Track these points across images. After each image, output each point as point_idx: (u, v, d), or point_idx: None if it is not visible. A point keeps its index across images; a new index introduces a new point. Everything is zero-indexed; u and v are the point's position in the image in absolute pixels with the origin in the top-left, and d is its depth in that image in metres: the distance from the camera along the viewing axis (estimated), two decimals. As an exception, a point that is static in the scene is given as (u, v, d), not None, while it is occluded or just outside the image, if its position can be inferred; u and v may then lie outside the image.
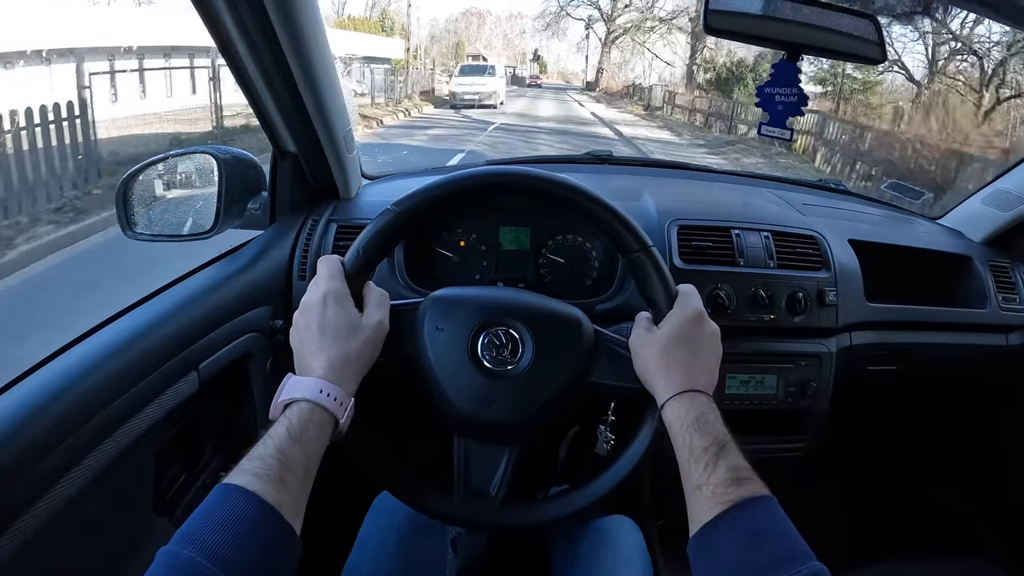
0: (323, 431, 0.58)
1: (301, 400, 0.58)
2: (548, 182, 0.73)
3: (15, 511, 0.57)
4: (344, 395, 0.61)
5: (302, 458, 0.55)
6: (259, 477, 0.51)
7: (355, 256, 0.69)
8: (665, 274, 0.70)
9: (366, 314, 0.66)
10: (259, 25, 0.79)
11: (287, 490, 0.52)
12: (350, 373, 0.63)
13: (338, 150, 0.98)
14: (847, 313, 1.05)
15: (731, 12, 0.97)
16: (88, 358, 0.70)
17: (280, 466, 0.53)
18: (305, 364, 0.62)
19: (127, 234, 0.98)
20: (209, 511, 0.50)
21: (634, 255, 0.71)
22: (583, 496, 0.72)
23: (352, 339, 0.64)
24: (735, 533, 0.53)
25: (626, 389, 0.72)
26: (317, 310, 0.64)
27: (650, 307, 0.73)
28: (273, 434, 0.55)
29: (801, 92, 1.02)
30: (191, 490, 0.91)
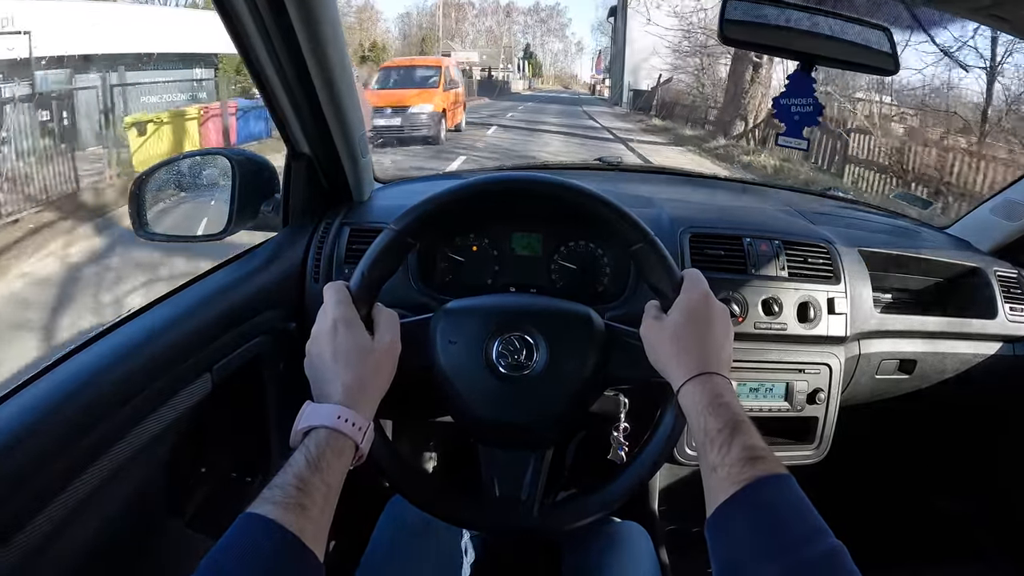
0: (342, 457, 0.59)
1: (319, 427, 0.59)
2: (545, 184, 0.74)
3: (31, 511, 0.57)
4: (362, 419, 0.61)
5: (321, 485, 0.55)
6: (278, 505, 0.52)
7: (360, 279, 0.69)
8: (669, 262, 0.71)
9: (377, 336, 0.67)
10: (279, 26, 0.79)
11: (307, 517, 0.52)
12: (367, 397, 0.63)
13: (353, 153, 0.98)
14: (856, 322, 1.06)
15: (747, 22, 0.98)
16: (103, 358, 0.70)
17: (300, 493, 0.53)
18: (322, 392, 0.63)
19: (139, 234, 0.99)
20: (231, 542, 0.50)
21: (637, 247, 0.72)
22: (609, 495, 0.72)
23: (366, 362, 0.64)
24: (751, 511, 0.53)
25: (644, 380, 0.72)
26: (328, 338, 0.64)
27: (657, 296, 0.73)
28: (292, 462, 0.56)
29: (816, 102, 1.03)
30: (202, 490, 0.91)
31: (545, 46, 47.91)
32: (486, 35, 39.05)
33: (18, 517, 0.55)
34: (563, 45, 49.62)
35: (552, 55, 49.67)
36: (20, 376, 0.66)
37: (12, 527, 0.55)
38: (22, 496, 0.56)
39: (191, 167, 1.03)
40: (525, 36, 44.23)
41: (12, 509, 0.55)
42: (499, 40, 42.57)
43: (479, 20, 41.62)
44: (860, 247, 1.11)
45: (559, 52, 49.99)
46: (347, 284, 0.69)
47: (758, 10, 0.99)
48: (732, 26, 0.97)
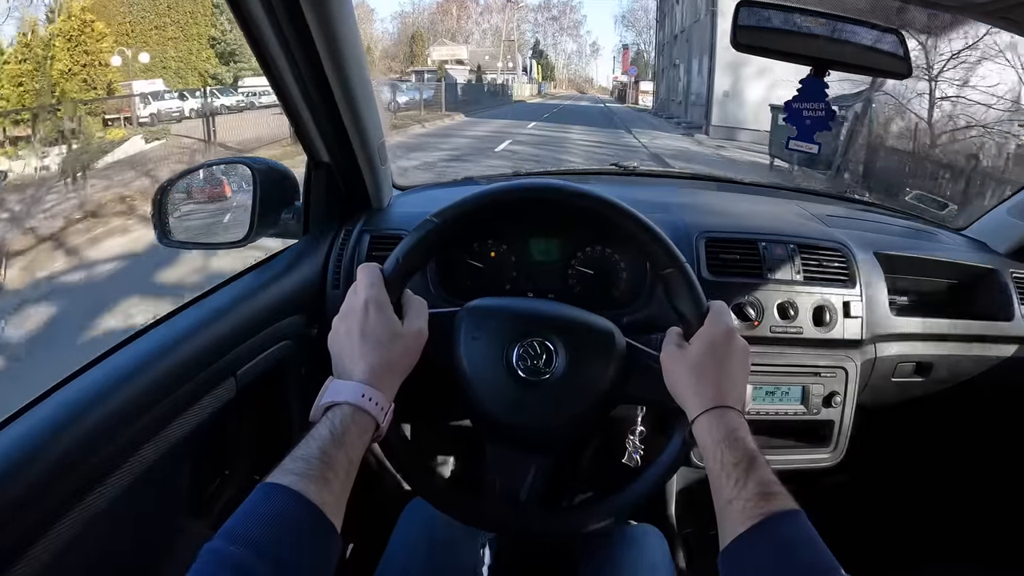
0: (364, 434, 0.60)
1: (343, 403, 0.60)
2: (587, 197, 0.75)
3: (59, 511, 0.58)
4: (385, 399, 0.62)
5: (344, 460, 0.56)
6: (303, 476, 0.52)
7: (395, 264, 0.70)
8: (697, 290, 0.71)
9: (406, 322, 0.68)
10: (298, 38, 0.81)
11: (329, 489, 0.53)
12: (390, 379, 0.64)
13: (372, 161, 1.00)
14: (872, 325, 1.06)
15: (760, 28, 0.99)
16: (129, 364, 0.71)
17: (323, 466, 0.54)
18: (346, 369, 0.64)
19: (162, 242, 1.01)
20: (253, 509, 0.51)
21: (667, 271, 0.72)
22: (613, 505, 0.73)
23: (393, 346, 0.65)
24: (765, 546, 0.54)
25: (658, 402, 0.72)
26: (359, 316, 0.65)
27: (681, 322, 0.74)
28: (316, 435, 0.57)
29: (829, 107, 1.03)
30: (226, 493, 0.93)
31: (558, 46, 41.86)
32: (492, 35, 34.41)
33: (45, 519, 0.57)
34: (577, 46, 43.59)
35: (565, 56, 43.31)
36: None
37: (40, 529, 0.56)
38: (49, 499, 0.57)
39: (213, 175, 1.05)
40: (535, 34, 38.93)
41: (40, 511, 0.56)
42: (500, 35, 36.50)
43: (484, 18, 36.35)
44: (876, 250, 1.11)
45: (573, 54, 43.76)
46: (381, 267, 0.70)
47: (770, 16, 1.00)
48: (745, 32, 0.98)
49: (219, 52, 22.49)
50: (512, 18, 37.53)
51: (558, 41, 41.65)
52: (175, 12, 21.96)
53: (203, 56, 22.38)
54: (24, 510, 0.55)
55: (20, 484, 0.55)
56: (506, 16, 36.56)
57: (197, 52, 22.36)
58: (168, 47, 21.74)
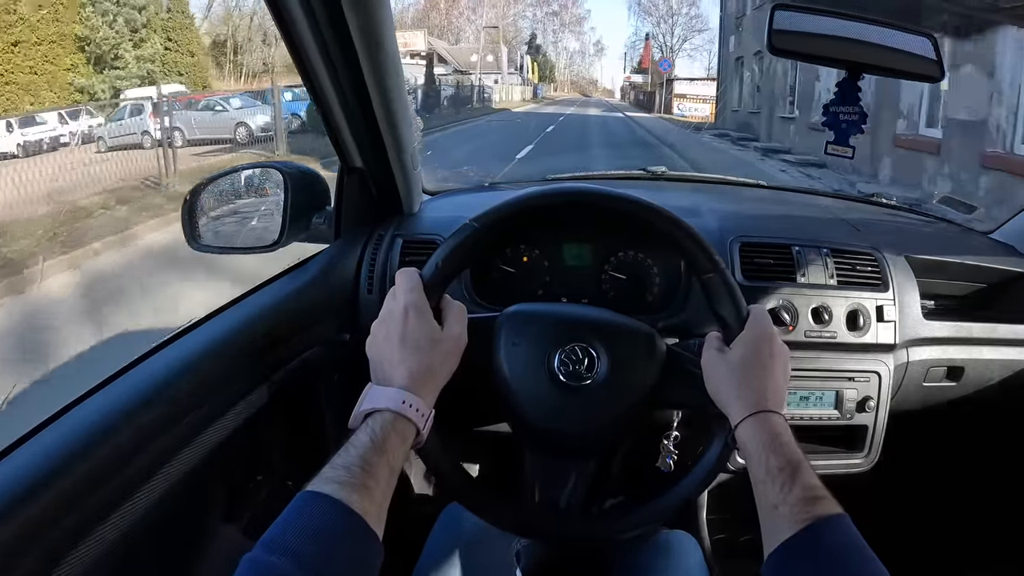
0: (405, 441, 0.59)
1: (384, 410, 0.59)
2: (627, 201, 0.75)
3: (94, 519, 0.58)
4: (425, 405, 0.61)
5: (385, 467, 0.55)
6: (344, 485, 0.52)
7: (434, 269, 0.69)
8: (737, 295, 0.71)
9: (446, 327, 0.67)
10: (338, 43, 0.80)
11: (371, 498, 0.52)
12: (431, 385, 0.64)
13: (405, 166, 0.99)
14: (905, 329, 1.05)
15: (795, 32, 0.98)
16: (166, 369, 0.71)
17: (364, 474, 0.53)
18: (385, 374, 0.63)
19: (192, 246, 1.00)
20: (294, 518, 0.50)
21: (708, 276, 0.72)
22: (655, 510, 0.73)
23: (433, 351, 0.64)
24: (813, 551, 0.53)
25: (698, 407, 0.72)
26: (398, 321, 0.64)
27: (720, 326, 0.74)
28: (356, 443, 0.56)
29: (863, 110, 1.03)
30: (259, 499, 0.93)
31: (559, 44, 36.49)
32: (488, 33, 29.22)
33: (80, 527, 0.57)
34: (580, 44, 38.78)
35: (567, 56, 37.89)
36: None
37: (75, 537, 0.56)
38: (84, 507, 0.57)
39: (245, 180, 1.05)
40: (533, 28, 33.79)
41: (75, 519, 0.56)
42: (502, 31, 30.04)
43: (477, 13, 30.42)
44: (907, 253, 1.10)
45: (575, 53, 38.31)
46: (419, 272, 0.69)
47: (806, 20, 0.99)
48: (780, 36, 0.97)
49: (91, 57, 16.39)
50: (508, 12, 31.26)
51: (559, 38, 36.45)
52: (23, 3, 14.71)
53: (66, 63, 15.95)
54: (59, 518, 0.55)
55: (54, 492, 0.55)
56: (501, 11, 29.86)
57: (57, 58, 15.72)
58: (13, 55, 14.59)
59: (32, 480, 0.54)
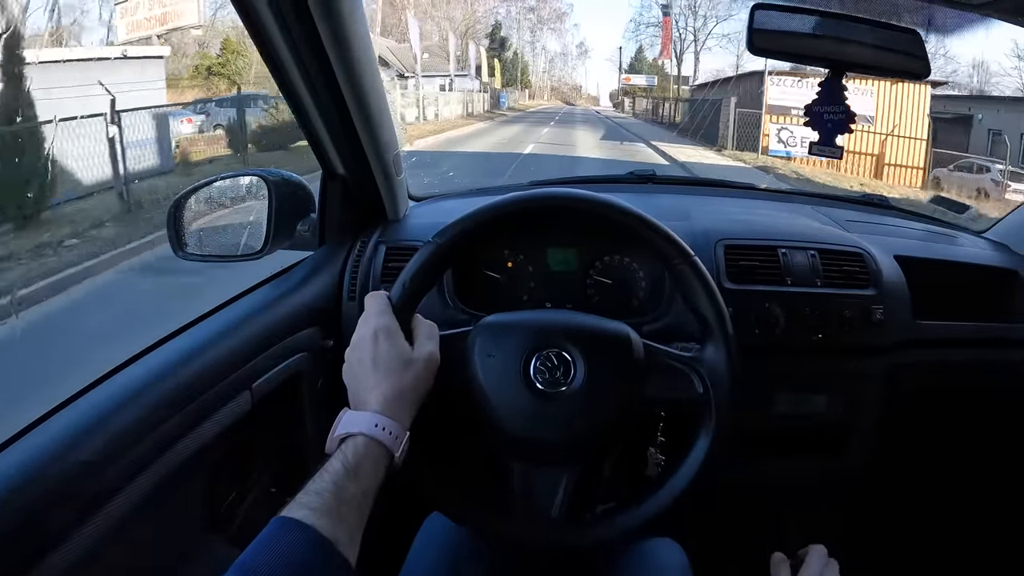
0: (378, 465, 0.60)
1: (357, 435, 0.60)
2: (587, 202, 0.75)
3: (75, 524, 0.58)
4: (399, 429, 0.62)
5: (358, 492, 0.56)
6: (315, 511, 0.52)
7: (401, 290, 0.71)
8: (710, 285, 0.72)
9: (417, 346, 0.68)
10: (312, 53, 0.81)
11: (343, 524, 0.53)
12: (405, 406, 0.64)
13: (387, 173, 1.00)
14: (895, 331, 1.04)
15: (775, 31, 0.98)
16: (147, 375, 0.71)
17: (336, 500, 0.54)
18: (360, 399, 0.64)
19: (178, 254, 1.01)
20: (266, 544, 0.51)
21: (677, 267, 0.73)
22: (641, 515, 0.73)
23: (405, 372, 0.65)
24: None
25: (681, 401, 0.74)
26: (369, 346, 0.65)
27: (697, 320, 0.74)
28: (329, 468, 0.57)
29: (848, 109, 1.02)
30: (243, 506, 0.93)
31: (537, 43, 29.98)
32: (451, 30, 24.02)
33: (62, 531, 0.57)
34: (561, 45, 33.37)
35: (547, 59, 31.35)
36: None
37: (57, 540, 0.56)
38: (66, 510, 0.57)
39: (229, 188, 1.05)
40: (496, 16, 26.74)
41: (57, 522, 0.56)
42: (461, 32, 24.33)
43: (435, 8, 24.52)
44: (896, 254, 1.09)
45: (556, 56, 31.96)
46: (388, 294, 0.70)
47: (787, 19, 0.99)
48: (761, 35, 0.97)
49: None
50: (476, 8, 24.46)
51: (538, 37, 29.97)
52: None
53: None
54: (37, 522, 0.55)
55: (34, 496, 0.55)
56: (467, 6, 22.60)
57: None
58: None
59: (7, 487, 0.54)
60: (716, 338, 0.74)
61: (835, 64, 1.01)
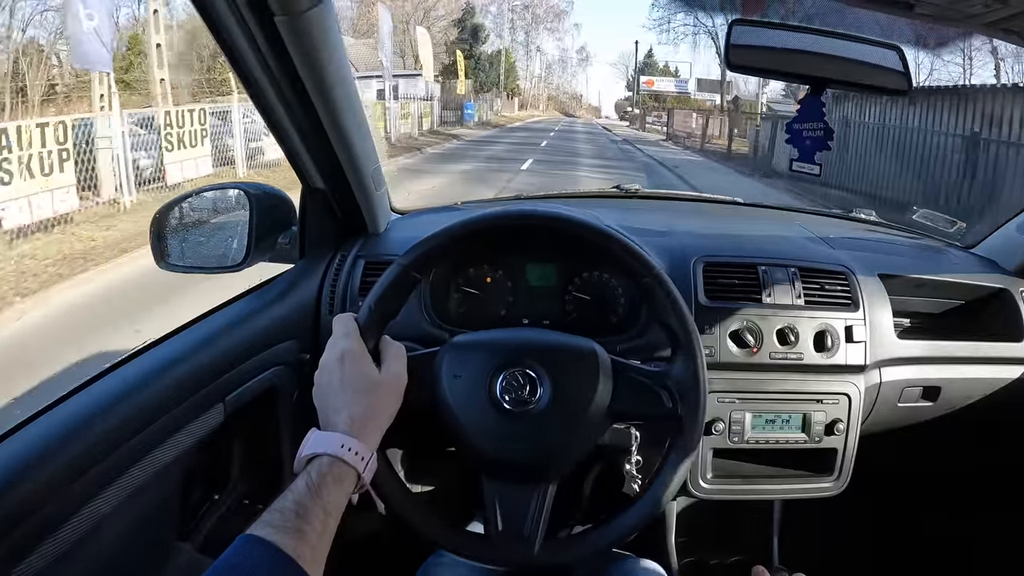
0: (342, 484, 0.60)
1: (323, 455, 0.61)
2: (552, 219, 0.76)
3: (44, 531, 0.59)
4: (365, 449, 0.63)
5: (320, 511, 0.57)
6: (278, 529, 0.53)
7: (368, 313, 0.71)
8: (677, 300, 0.73)
9: (384, 368, 0.69)
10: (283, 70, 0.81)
11: (305, 541, 0.54)
12: (372, 427, 0.65)
13: (365, 187, 1.00)
14: (876, 350, 1.03)
15: (753, 47, 0.97)
16: (121, 385, 0.72)
17: (298, 519, 0.55)
18: (328, 420, 0.65)
19: (160, 265, 1.02)
20: (229, 561, 0.52)
21: (643, 281, 0.74)
22: (620, 528, 0.73)
23: (372, 394, 0.66)
24: None
25: (651, 416, 0.74)
26: (336, 368, 0.67)
27: (667, 335, 0.75)
28: (294, 488, 0.58)
29: (827, 126, 1.02)
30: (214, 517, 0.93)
31: (531, 43, 25.90)
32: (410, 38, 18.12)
33: (30, 539, 0.57)
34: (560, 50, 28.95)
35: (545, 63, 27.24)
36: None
37: (25, 550, 0.57)
38: (36, 519, 0.58)
39: (211, 200, 1.06)
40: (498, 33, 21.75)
41: (25, 531, 0.57)
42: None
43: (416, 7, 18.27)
44: (880, 271, 1.08)
45: (555, 63, 28.38)
46: (355, 316, 0.71)
47: (765, 34, 0.98)
48: (738, 51, 0.96)
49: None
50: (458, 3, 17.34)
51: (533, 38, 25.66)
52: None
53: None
54: (9, 530, 0.55)
55: (6, 504, 0.56)
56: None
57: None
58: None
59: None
60: (684, 353, 0.74)
61: (814, 81, 1.01)
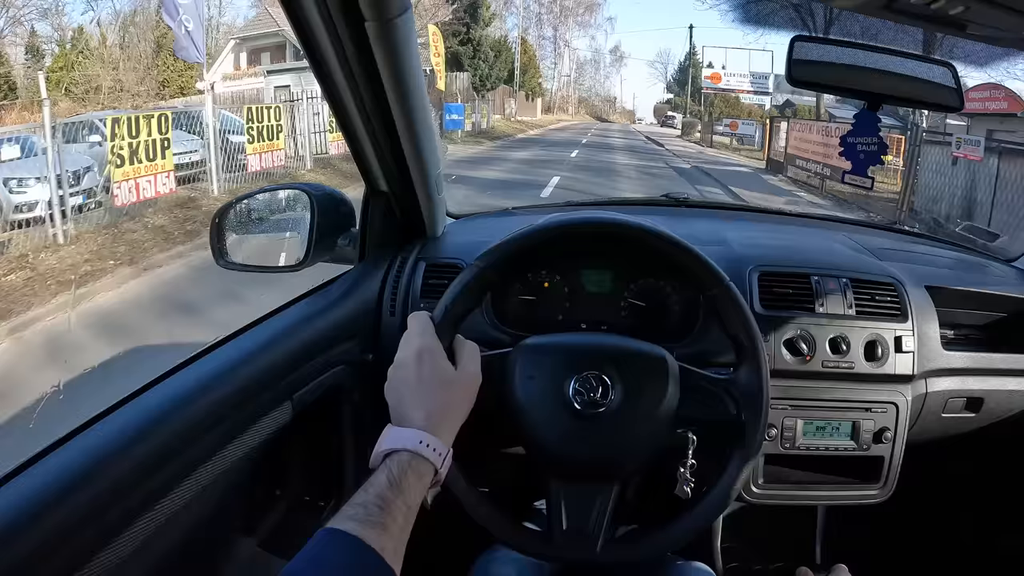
0: (421, 480, 0.61)
1: (401, 450, 0.61)
2: (626, 227, 0.78)
3: (114, 531, 0.60)
4: (443, 446, 0.64)
5: (402, 506, 0.58)
6: (361, 523, 0.54)
7: (443, 312, 0.73)
8: (745, 310, 0.75)
9: (460, 366, 0.70)
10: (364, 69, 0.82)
11: (388, 535, 0.55)
12: (448, 424, 0.66)
13: (430, 191, 1.01)
14: (924, 360, 1.05)
15: (815, 62, 0.99)
16: (192, 385, 0.73)
17: (382, 512, 0.56)
18: (403, 416, 0.65)
19: (219, 263, 1.03)
20: (313, 554, 0.52)
21: (712, 293, 0.77)
22: (682, 530, 0.75)
23: (448, 392, 0.67)
24: None
25: (716, 421, 0.76)
26: (412, 366, 0.67)
27: (733, 344, 0.77)
28: (374, 482, 0.58)
29: (882, 141, 1.04)
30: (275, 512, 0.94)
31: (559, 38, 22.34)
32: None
33: (105, 535, 0.58)
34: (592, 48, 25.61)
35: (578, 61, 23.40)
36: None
37: (94, 548, 0.57)
38: (105, 519, 0.58)
39: (272, 200, 1.07)
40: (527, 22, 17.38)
41: (95, 530, 0.58)
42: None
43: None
44: (927, 283, 1.10)
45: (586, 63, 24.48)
46: (431, 314, 0.72)
47: (826, 50, 1.00)
48: (800, 67, 0.98)
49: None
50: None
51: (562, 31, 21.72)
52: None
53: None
54: (80, 529, 0.56)
55: (78, 502, 0.56)
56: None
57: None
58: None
59: (56, 489, 0.56)
60: (749, 361, 0.77)
61: (871, 96, 1.02)
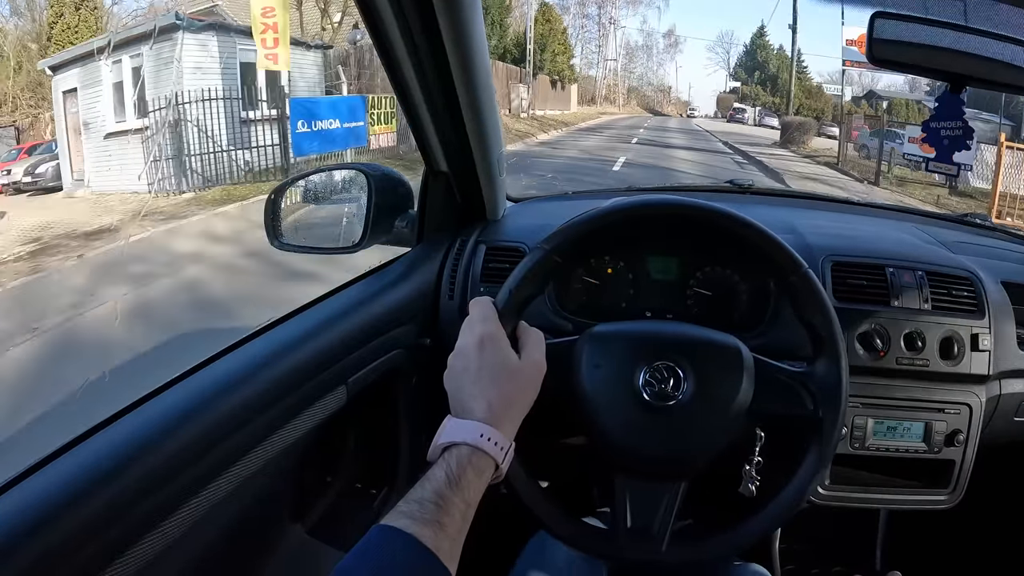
0: (482, 476, 0.58)
1: (461, 444, 0.58)
2: (701, 210, 0.74)
3: (165, 511, 0.59)
4: (504, 439, 0.60)
5: (460, 503, 0.54)
6: (417, 521, 0.51)
7: (507, 296, 0.69)
8: (824, 299, 0.71)
9: (524, 355, 0.65)
10: (429, 47, 0.80)
11: (444, 534, 0.52)
12: (511, 416, 0.62)
13: (491, 172, 0.98)
14: (1000, 360, 0.99)
15: (897, 42, 0.94)
16: (243, 367, 0.72)
17: (438, 510, 0.52)
18: (463, 407, 0.61)
19: (274, 244, 1.02)
20: (366, 551, 0.50)
21: (789, 279, 0.73)
22: (752, 531, 0.71)
23: (512, 381, 0.63)
24: None
25: (789, 416, 0.72)
26: (474, 353, 0.63)
27: (808, 332, 0.73)
28: (432, 477, 0.55)
29: (967, 125, 0.99)
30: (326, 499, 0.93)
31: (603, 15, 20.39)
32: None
33: (150, 518, 0.58)
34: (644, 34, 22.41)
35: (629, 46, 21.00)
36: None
37: (145, 527, 0.57)
38: (156, 499, 0.58)
39: (327, 181, 1.06)
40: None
41: (145, 510, 0.57)
42: None
43: None
44: (1003, 279, 1.05)
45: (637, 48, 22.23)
46: (493, 300, 0.69)
47: (906, 29, 0.95)
48: (881, 45, 0.94)
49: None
50: None
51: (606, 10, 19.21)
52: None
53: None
54: (130, 509, 0.56)
55: (125, 482, 0.56)
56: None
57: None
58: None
59: (105, 468, 0.55)
60: (829, 354, 0.72)
61: (954, 78, 0.97)
